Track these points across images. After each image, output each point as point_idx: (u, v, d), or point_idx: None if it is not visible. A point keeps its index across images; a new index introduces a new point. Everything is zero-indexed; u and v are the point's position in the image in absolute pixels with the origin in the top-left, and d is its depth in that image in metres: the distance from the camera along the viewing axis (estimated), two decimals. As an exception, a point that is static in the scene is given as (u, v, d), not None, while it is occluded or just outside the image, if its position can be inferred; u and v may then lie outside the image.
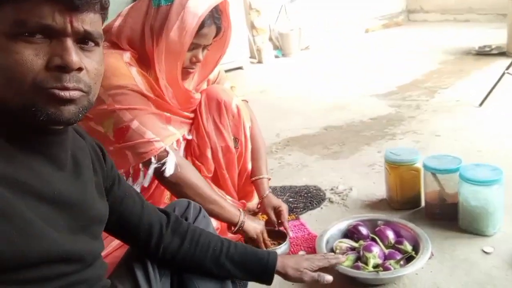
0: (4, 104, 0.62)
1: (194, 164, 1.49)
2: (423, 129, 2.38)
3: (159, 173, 1.25)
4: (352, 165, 2.06)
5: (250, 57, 4.86)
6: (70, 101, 0.63)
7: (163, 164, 1.24)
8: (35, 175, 0.64)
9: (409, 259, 1.27)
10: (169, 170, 1.24)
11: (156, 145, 1.23)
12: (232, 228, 1.36)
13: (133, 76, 1.24)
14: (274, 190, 1.91)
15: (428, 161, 1.52)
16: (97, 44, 0.68)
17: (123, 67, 1.23)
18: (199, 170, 1.48)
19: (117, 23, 1.30)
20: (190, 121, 1.48)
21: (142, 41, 1.27)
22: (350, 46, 5.19)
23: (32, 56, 0.60)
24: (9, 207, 0.59)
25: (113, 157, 1.31)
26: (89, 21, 0.65)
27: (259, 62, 4.90)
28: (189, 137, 1.48)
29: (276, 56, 5.04)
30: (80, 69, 0.64)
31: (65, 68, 0.62)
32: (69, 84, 0.62)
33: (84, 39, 0.65)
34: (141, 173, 1.31)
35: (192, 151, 1.49)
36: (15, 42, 0.59)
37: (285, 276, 1.06)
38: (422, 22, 6.12)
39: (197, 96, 1.46)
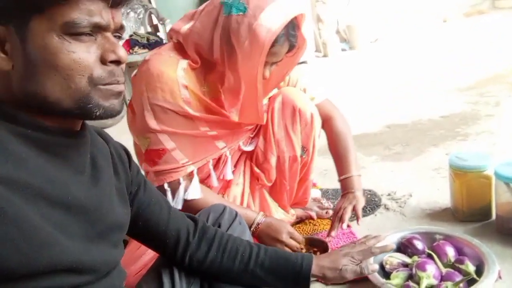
0: (52, 105, 0.62)
1: (252, 171, 1.43)
2: (501, 130, 2.10)
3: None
4: (414, 168, 1.88)
5: (315, 51, 4.72)
6: (120, 93, 0.67)
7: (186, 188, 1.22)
8: (50, 179, 0.62)
9: (470, 282, 1.10)
10: (191, 195, 1.22)
11: (179, 172, 1.21)
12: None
13: (180, 91, 1.17)
14: (326, 192, 1.82)
15: (500, 168, 1.31)
16: (121, 37, 0.70)
17: (173, 79, 1.16)
18: (257, 178, 1.42)
19: (186, 26, 1.21)
20: (251, 129, 1.39)
21: (210, 49, 1.17)
22: (424, 37, 4.84)
23: (86, 53, 0.62)
24: (19, 213, 0.56)
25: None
26: (121, 16, 0.67)
27: (325, 56, 4.74)
28: (247, 148, 1.41)
29: (343, 49, 4.85)
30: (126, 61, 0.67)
31: (118, 62, 0.65)
32: (120, 78, 0.66)
33: (115, 33, 0.67)
34: (169, 194, 1.26)
35: (255, 157, 1.41)
36: (69, 41, 0.61)
37: (324, 278, 0.97)
38: (510, 10, 5.53)
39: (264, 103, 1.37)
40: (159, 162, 1.19)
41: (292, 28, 1.16)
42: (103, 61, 0.63)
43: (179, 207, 1.21)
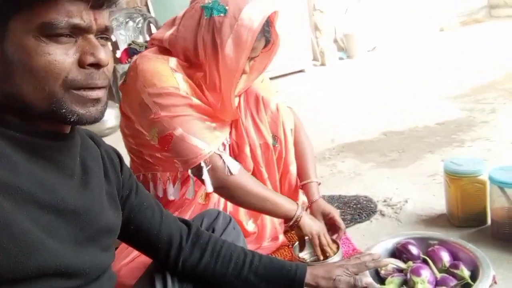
0: (28, 107, 0.61)
1: None
2: (497, 136, 2.11)
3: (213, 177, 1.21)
4: (410, 175, 1.88)
5: (313, 60, 4.74)
6: (98, 100, 0.65)
7: (224, 165, 1.20)
8: (39, 182, 0.62)
9: (465, 286, 1.09)
10: (233, 169, 1.20)
11: (203, 151, 1.19)
12: (288, 222, 1.28)
13: (177, 81, 1.21)
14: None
15: (494, 173, 1.32)
16: (109, 38, 0.68)
17: (167, 71, 1.20)
18: None
19: (169, 32, 1.26)
20: (230, 122, 1.44)
21: (195, 51, 1.23)
22: (421, 46, 4.87)
23: (64, 56, 0.60)
24: (7, 216, 0.56)
25: (160, 163, 1.30)
26: (107, 17, 0.65)
27: (322, 64, 4.76)
28: (229, 143, 1.45)
29: (341, 58, 4.87)
30: (107, 65, 0.65)
31: (97, 65, 0.63)
32: (99, 81, 0.64)
33: (100, 34, 0.65)
34: (191, 181, 1.28)
35: (231, 150, 1.45)
36: (45, 43, 0.59)
37: None
38: (506, 18, 5.58)
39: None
40: (170, 148, 1.20)
41: (267, 24, 1.24)
42: (81, 64, 0.61)
43: (210, 189, 1.21)
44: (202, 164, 1.19)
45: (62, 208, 0.64)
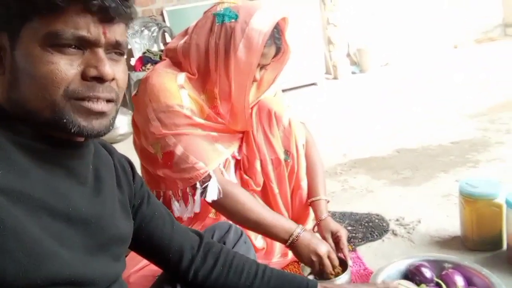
0: (33, 115, 0.61)
1: (242, 178, 1.45)
2: (512, 158, 2.08)
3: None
4: (423, 194, 1.85)
5: (326, 73, 4.74)
6: (102, 114, 0.63)
7: (205, 189, 1.21)
8: (51, 190, 0.61)
9: (480, 313, 1.07)
10: (210, 196, 1.21)
11: (200, 171, 1.21)
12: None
13: (182, 98, 1.23)
14: (333, 215, 1.77)
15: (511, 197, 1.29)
16: (123, 53, 0.68)
17: (174, 88, 1.23)
18: (247, 185, 1.44)
19: (182, 41, 1.29)
20: (241, 136, 1.43)
21: (206, 57, 1.26)
22: (435, 63, 4.84)
23: (67, 66, 0.60)
24: (18, 224, 0.55)
25: (162, 180, 1.30)
26: (119, 32, 0.65)
27: (335, 78, 4.76)
28: (239, 157, 1.44)
29: (353, 72, 4.87)
30: (112, 79, 0.64)
31: (100, 79, 0.62)
32: (102, 94, 0.63)
33: (112, 49, 0.65)
34: (190, 198, 1.29)
35: (242, 164, 1.45)
36: (50, 52, 0.59)
37: None
38: (522, 37, 5.54)
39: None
40: (172, 165, 1.22)
41: (277, 32, 1.27)
42: (84, 76, 0.61)
43: (197, 209, 1.24)
44: (198, 185, 1.22)
45: (74, 216, 0.64)
